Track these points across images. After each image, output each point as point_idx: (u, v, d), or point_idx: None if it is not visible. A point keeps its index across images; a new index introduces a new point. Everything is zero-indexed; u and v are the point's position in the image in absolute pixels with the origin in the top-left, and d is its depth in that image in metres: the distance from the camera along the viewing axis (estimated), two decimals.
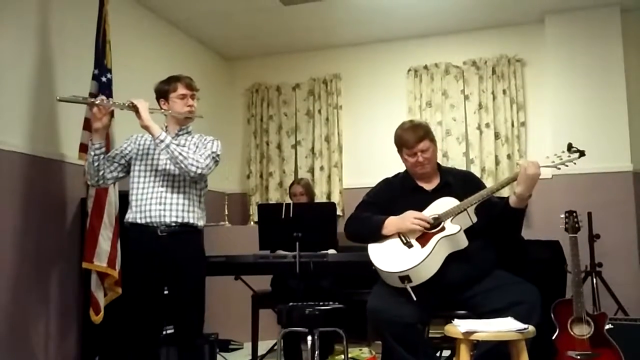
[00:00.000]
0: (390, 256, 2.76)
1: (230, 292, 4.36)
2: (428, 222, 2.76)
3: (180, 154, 2.82)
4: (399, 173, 3.13)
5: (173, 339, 2.96)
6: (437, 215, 2.79)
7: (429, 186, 2.98)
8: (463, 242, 2.75)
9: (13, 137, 3.63)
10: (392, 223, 2.82)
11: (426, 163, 2.93)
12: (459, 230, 2.73)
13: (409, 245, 2.76)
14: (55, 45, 3.98)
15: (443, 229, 2.75)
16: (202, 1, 5.03)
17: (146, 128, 2.84)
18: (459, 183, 2.96)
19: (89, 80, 3.86)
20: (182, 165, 2.83)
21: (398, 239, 2.81)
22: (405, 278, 2.66)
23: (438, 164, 3.07)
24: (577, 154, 2.80)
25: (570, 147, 2.81)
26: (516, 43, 5.57)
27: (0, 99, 3.57)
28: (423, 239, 2.75)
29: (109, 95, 3.88)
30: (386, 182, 3.15)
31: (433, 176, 3.01)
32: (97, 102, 2.82)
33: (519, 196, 2.71)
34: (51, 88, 3.92)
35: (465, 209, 2.76)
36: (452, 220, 2.76)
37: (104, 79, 3.86)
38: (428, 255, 2.68)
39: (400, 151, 3.01)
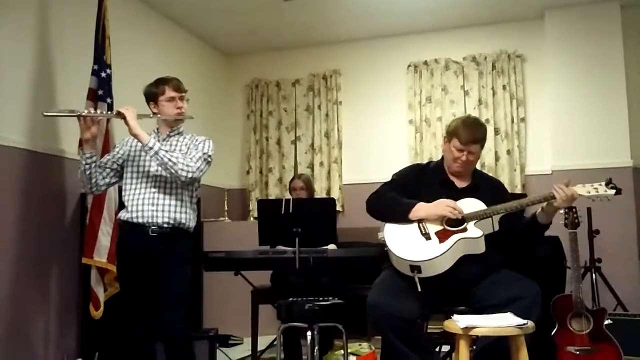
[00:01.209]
0: (406, 243, 2.74)
1: (230, 287, 4.37)
2: (460, 214, 2.74)
3: (170, 160, 2.82)
4: (431, 162, 3.12)
5: (159, 335, 2.97)
6: (462, 215, 2.77)
7: (460, 184, 2.96)
8: (481, 248, 2.74)
9: (13, 132, 3.63)
10: (422, 208, 2.79)
11: (466, 165, 2.91)
12: (481, 236, 2.72)
13: (427, 237, 2.74)
14: (55, 41, 3.98)
15: (465, 230, 2.73)
16: None
17: (135, 136, 2.85)
18: (488, 189, 2.95)
19: (88, 76, 3.85)
20: (173, 171, 2.84)
21: (417, 228, 2.79)
22: (416, 268, 2.65)
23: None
24: (614, 192, 2.74)
25: (609, 182, 2.77)
26: (516, 39, 5.56)
27: (0, 95, 3.56)
28: (442, 235, 2.73)
29: (109, 91, 3.89)
30: (418, 167, 3.15)
31: (466, 175, 2.99)
32: (84, 115, 2.82)
33: (546, 214, 2.75)
34: (51, 84, 3.91)
35: (492, 216, 2.75)
36: (475, 223, 2.75)
37: (103, 74, 3.86)
38: (445, 253, 2.66)
39: (449, 140, 2.94)
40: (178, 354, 2.91)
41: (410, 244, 2.73)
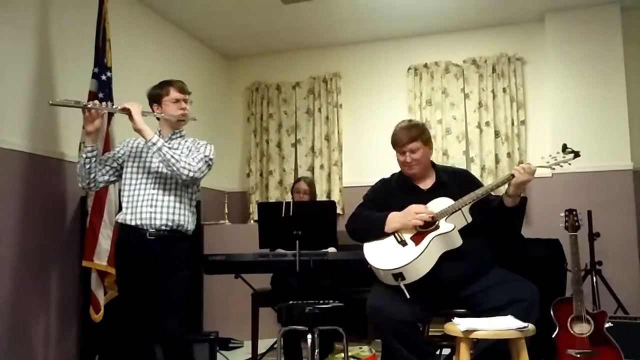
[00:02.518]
0: (384, 254, 2.79)
1: (230, 290, 4.37)
2: (430, 215, 2.78)
3: (172, 156, 2.83)
4: (395, 173, 3.15)
5: (157, 338, 2.96)
6: (432, 215, 2.80)
7: (424, 185, 3.00)
8: (457, 241, 2.77)
9: (13, 135, 3.63)
10: (394, 219, 2.84)
11: (413, 164, 2.95)
12: (453, 229, 2.75)
13: (404, 244, 2.78)
14: (55, 43, 3.98)
15: (437, 227, 2.77)
16: (202, 0, 5.02)
17: (139, 131, 2.86)
18: (455, 182, 2.98)
19: (88, 79, 3.86)
20: (174, 168, 2.84)
21: (393, 238, 2.83)
22: (398, 275, 2.68)
23: (433, 163, 3.09)
24: (571, 155, 2.81)
25: (565, 147, 2.83)
26: (516, 41, 5.57)
27: (0, 97, 3.57)
28: (417, 238, 2.77)
29: (109, 93, 3.89)
30: (383, 181, 3.18)
31: (427, 175, 3.03)
32: (89, 106, 2.83)
33: (509, 196, 2.77)
34: (51, 86, 3.92)
35: (460, 209, 2.78)
36: (446, 219, 2.78)
37: (103, 77, 3.86)
38: (421, 253, 2.70)
39: (394, 149, 3.02)
40: (177, 358, 2.91)
41: (388, 254, 2.78)
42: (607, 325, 3.23)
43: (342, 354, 3.17)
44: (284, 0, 5.03)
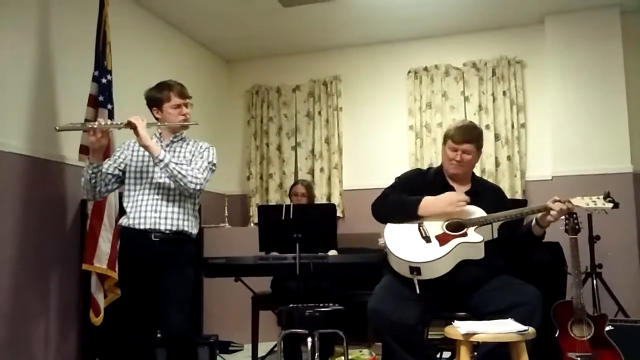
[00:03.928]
0: (406, 244, 2.76)
1: (230, 293, 4.36)
2: (466, 202, 2.79)
3: (179, 172, 2.81)
4: (431, 167, 3.15)
5: (162, 341, 2.96)
6: (462, 221, 2.79)
7: (459, 188, 2.97)
8: (480, 253, 2.75)
9: (13, 138, 3.63)
10: (429, 203, 2.82)
11: (462, 164, 2.93)
12: (481, 241, 2.73)
13: (427, 240, 2.76)
14: (56, 47, 3.98)
15: (465, 234, 2.75)
16: (202, 3, 5.03)
17: (145, 148, 2.83)
18: (488, 195, 2.98)
19: (89, 82, 3.86)
20: (182, 184, 2.83)
21: (417, 230, 2.81)
22: (415, 270, 2.67)
23: (473, 172, 3.08)
24: (611, 205, 2.77)
25: (607, 196, 2.79)
26: (516, 44, 5.57)
27: (0, 100, 3.56)
28: (442, 238, 2.75)
29: (109, 97, 3.89)
30: (419, 171, 3.18)
31: (465, 181, 3.01)
32: (95, 127, 2.78)
33: (540, 227, 2.80)
34: (51, 89, 3.92)
35: (492, 222, 2.77)
36: (475, 229, 2.77)
37: (104, 80, 3.86)
38: (444, 255, 2.68)
39: (444, 142, 2.99)
40: (182, 355, 2.89)
41: (410, 245, 2.75)
42: (607, 328, 3.22)
43: (342, 357, 3.17)
44: (284, 3, 5.04)
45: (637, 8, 5.21)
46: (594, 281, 4.38)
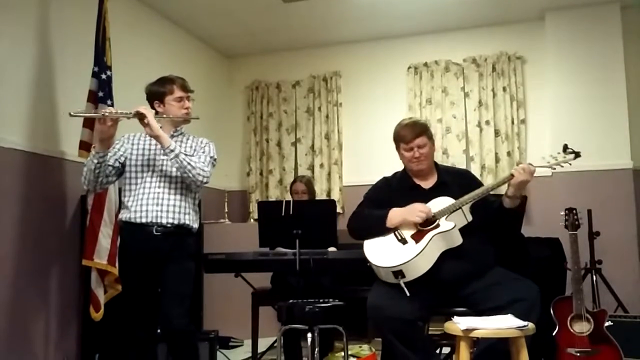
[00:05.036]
0: (384, 252, 2.79)
1: (230, 289, 4.37)
2: (428, 214, 2.80)
3: (189, 163, 2.83)
4: (397, 172, 3.15)
5: (163, 335, 2.96)
6: (433, 214, 2.81)
7: (426, 184, 3.01)
8: (457, 240, 2.77)
9: (13, 134, 3.63)
10: (396, 214, 2.84)
11: (422, 159, 2.96)
12: (453, 227, 2.76)
13: (404, 242, 2.79)
14: (55, 42, 3.98)
15: (438, 226, 2.78)
16: None
17: (156, 138, 2.83)
18: (456, 182, 2.98)
19: (88, 78, 3.85)
20: (191, 175, 2.84)
21: (393, 236, 2.84)
22: (398, 273, 2.69)
23: (435, 162, 3.09)
24: (572, 155, 2.81)
25: (565, 148, 2.84)
26: (516, 40, 5.57)
27: (0, 96, 3.56)
28: (417, 236, 2.78)
29: (109, 92, 3.88)
30: (384, 180, 3.17)
31: (430, 174, 3.03)
32: (106, 114, 2.77)
33: (509, 198, 2.78)
34: (51, 85, 3.92)
35: (459, 208, 2.79)
36: (446, 218, 2.79)
37: (103, 76, 3.86)
38: (421, 251, 2.70)
39: (397, 147, 3.03)
40: (182, 349, 2.90)
41: (389, 252, 2.78)
42: (607, 324, 3.23)
43: (342, 353, 3.17)
44: None
45: (637, 3, 5.20)
46: (594, 277, 4.38)
